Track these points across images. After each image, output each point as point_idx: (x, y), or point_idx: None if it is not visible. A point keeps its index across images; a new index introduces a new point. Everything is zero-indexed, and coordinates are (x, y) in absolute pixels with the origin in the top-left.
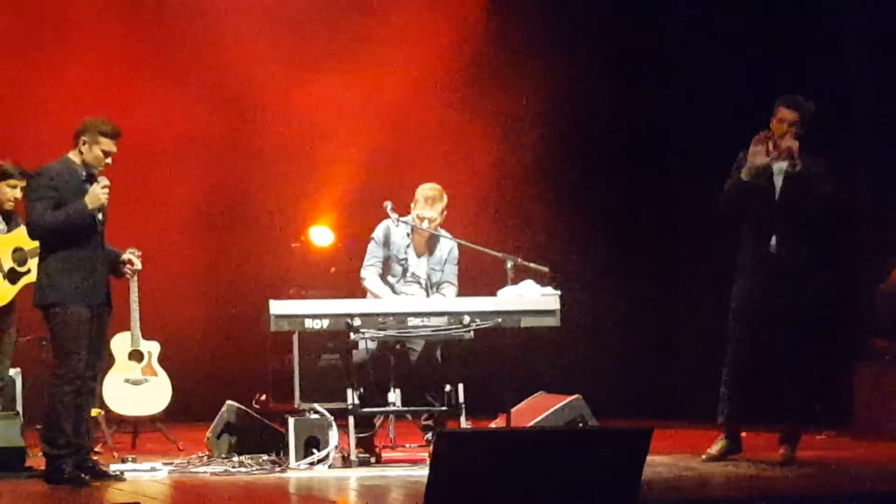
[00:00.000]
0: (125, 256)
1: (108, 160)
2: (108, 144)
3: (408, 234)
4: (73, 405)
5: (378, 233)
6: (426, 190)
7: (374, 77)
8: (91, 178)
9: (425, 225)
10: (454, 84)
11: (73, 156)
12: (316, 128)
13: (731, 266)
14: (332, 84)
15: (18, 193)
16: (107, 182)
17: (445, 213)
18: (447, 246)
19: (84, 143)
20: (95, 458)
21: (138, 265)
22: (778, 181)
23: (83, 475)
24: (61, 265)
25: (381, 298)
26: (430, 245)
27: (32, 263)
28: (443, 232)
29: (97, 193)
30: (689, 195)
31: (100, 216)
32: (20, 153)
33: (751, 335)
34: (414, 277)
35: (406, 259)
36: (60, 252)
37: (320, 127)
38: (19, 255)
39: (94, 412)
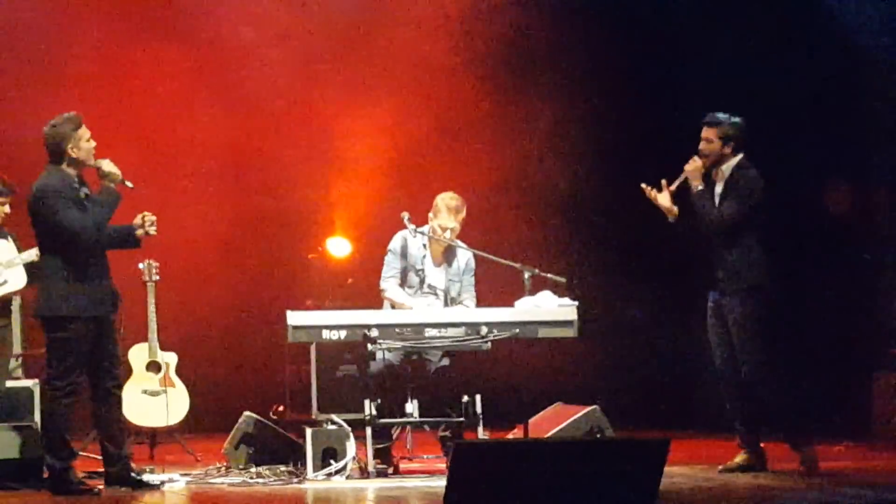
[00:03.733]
0: (136, 222)
1: (93, 143)
2: (86, 132)
3: (424, 245)
4: (70, 415)
5: (395, 244)
6: (448, 199)
7: (390, 89)
8: (81, 180)
9: (447, 235)
10: (472, 95)
11: (60, 165)
12: (332, 139)
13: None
14: (348, 96)
15: (7, 209)
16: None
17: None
18: (464, 257)
19: (73, 149)
20: (134, 465)
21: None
22: (716, 202)
23: (91, 486)
24: (72, 275)
25: (408, 308)
26: (448, 256)
27: (8, 274)
28: (459, 243)
29: (110, 169)
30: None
31: (129, 184)
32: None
33: (719, 350)
34: (431, 289)
35: (423, 269)
36: (71, 261)
37: (337, 138)
38: None
39: None
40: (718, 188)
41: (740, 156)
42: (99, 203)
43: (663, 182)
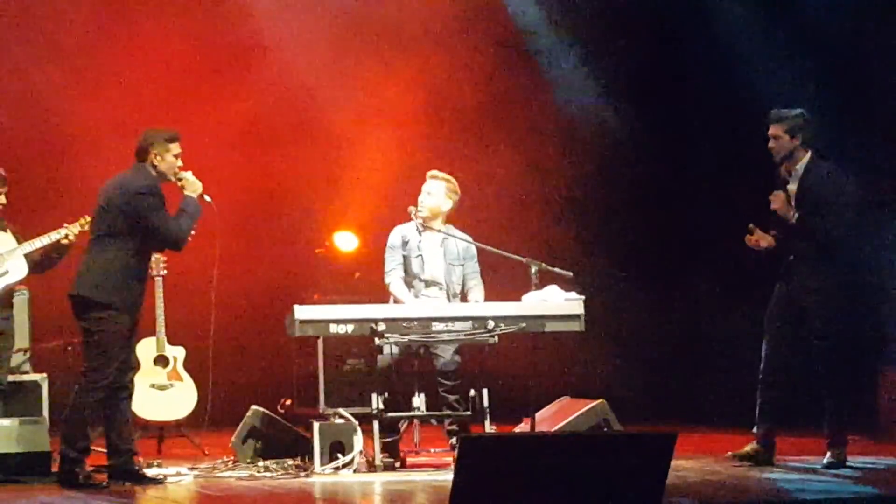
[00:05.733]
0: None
1: (180, 162)
2: (177, 149)
3: (419, 231)
4: (99, 410)
5: (393, 238)
6: (430, 172)
7: (400, 86)
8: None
9: (430, 200)
10: (482, 94)
11: (145, 163)
12: (340, 134)
13: (755, 271)
14: (357, 91)
15: (3, 199)
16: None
17: (454, 203)
18: (462, 242)
19: (156, 156)
20: (139, 460)
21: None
22: (792, 201)
23: (98, 480)
24: (131, 271)
25: (404, 304)
26: (445, 242)
27: (9, 265)
28: (455, 230)
29: (193, 180)
30: (716, 200)
31: (207, 198)
32: (72, 143)
33: (774, 340)
34: (433, 278)
35: (421, 255)
36: (131, 256)
37: (345, 133)
38: None
39: None
40: (792, 186)
41: (810, 152)
42: (185, 214)
43: (750, 226)
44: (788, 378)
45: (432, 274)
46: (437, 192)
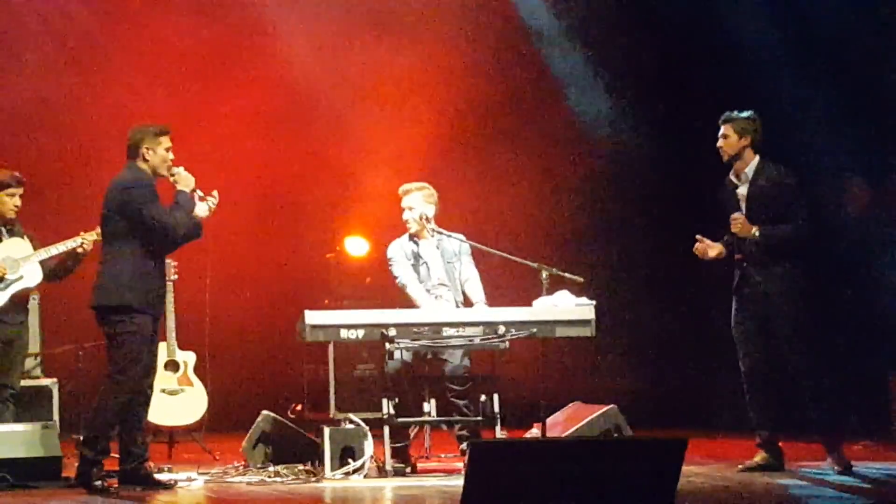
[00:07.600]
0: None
1: (171, 155)
2: (167, 142)
3: (413, 241)
4: (123, 413)
5: (394, 251)
6: (401, 188)
7: (413, 92)
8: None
9: (412, 214)
10: (494, 98)
11: (136, 161)
12: (351, 139)
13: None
14: (368, 96)
15: (18, 201)
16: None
17: (435, 205)
18: (456, 242)
19: (148, 150)
20: (150, 465)
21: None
22: (742, 205)
23: (109, 485)
24: (141, 269)
25: (420, 306)
26: (439, 244)
27: (24, 270)
28: (448, 232)
29: (185, 175)
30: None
31: (200, 193)
32: (89, 150)
33: (751, 352)
34: (439, 280)
35: (426, 263)
36: (139, 257)
37: (355, 138)
38: (10, 263)
39: None
40: (742, 190)
41: (758, 156)
42: (179, 208)
43: (698, 236)
44: (772, 384)
45: (438, 276)
46: (417, 203)
